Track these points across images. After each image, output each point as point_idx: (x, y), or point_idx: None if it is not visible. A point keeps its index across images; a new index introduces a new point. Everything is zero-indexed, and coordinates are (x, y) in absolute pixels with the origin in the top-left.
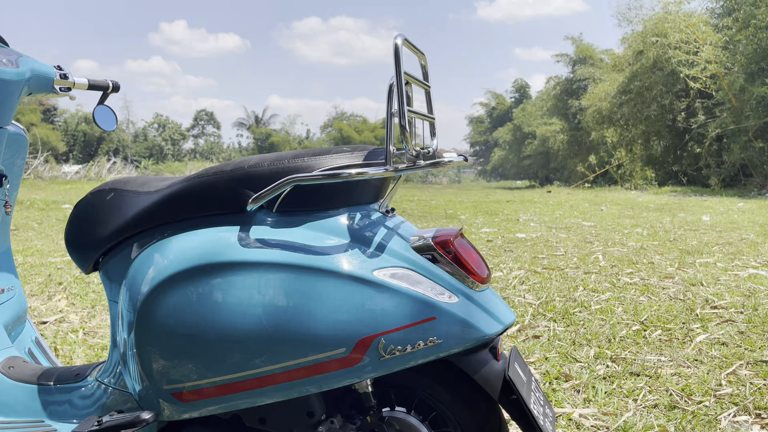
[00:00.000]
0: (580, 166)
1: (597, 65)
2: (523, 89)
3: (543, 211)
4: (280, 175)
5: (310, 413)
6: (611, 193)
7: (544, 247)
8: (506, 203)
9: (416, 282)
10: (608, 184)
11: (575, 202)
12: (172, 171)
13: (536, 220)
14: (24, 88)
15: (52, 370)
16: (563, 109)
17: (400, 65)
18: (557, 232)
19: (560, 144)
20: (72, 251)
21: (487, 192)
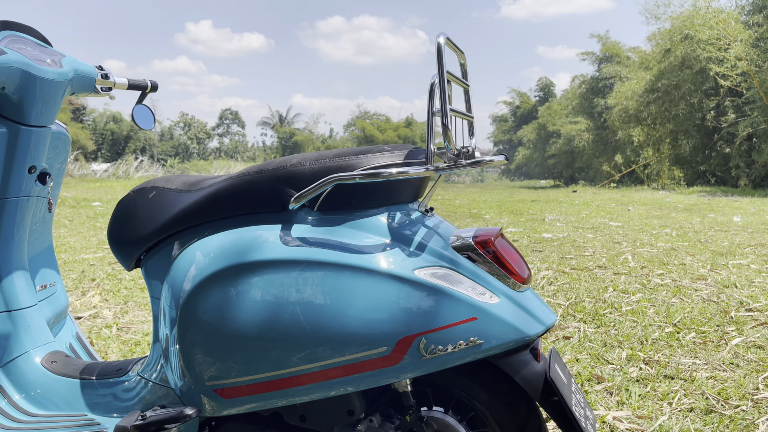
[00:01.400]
0: (605, 166)
1: (623, 63)
2: (547, 88)
3: (569, 210)
4: (322, 174)
5: (350, 411)
6: (638, 193)
7: (571, 247)
8: (531, 203)
9: (457, 282)
10: (634, 183)
11: (601, 202)
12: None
13: (562, 220)
14: (67, 88)
15: (93, 364)
16: (589, 108)
17: (443, 64)
18: (584, 232)
19: (585, 143)
20: (115, 248)
21: (511, 191)
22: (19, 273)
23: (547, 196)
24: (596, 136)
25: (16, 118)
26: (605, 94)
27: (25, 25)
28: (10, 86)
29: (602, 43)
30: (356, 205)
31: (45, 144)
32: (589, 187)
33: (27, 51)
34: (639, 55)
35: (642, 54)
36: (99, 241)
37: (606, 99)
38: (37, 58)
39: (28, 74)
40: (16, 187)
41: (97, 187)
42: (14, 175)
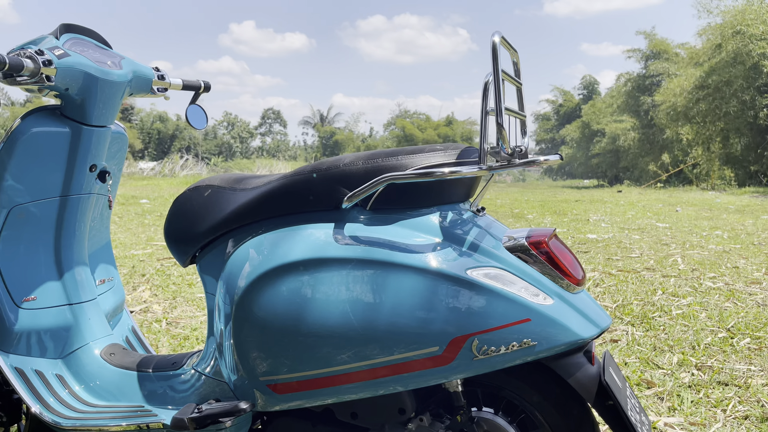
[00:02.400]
0: (652, 165)
1: (672, 60)
2: (591, 86)
3: (614, 211)
4: (375, 173)
5: (401, 410)
6: (686, 194)
7: (617, 248)
8: (575, 203)
9: (510, 282)
10: (682, 184)
11: (648, 203)
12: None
13: (607, 221)
14: (126, 89)
15: (149, 357)
16: (634, 106)
17: (498, 62)
18: (630, 233)
19: (631, 142)
20: (171, 245)
21: (554, 191)
22: (80, 268)
23: (591, 196)
24: (642, 134)
25: (78, 118)
26: (652, 92)
27: (86, 28)
28: (74, 88)
29: (649, 39)
30: (408, 204)
31: (105, 143)
32: (634, 187)
33: (89, 53)
34: (688, 51)
35: (691, 50)
36: (147, 238)
37: (653, 97)
38: (99, 60)
39: (90, 76)
40: (78, 185)
41: (144, 184)
42: (76, 173)
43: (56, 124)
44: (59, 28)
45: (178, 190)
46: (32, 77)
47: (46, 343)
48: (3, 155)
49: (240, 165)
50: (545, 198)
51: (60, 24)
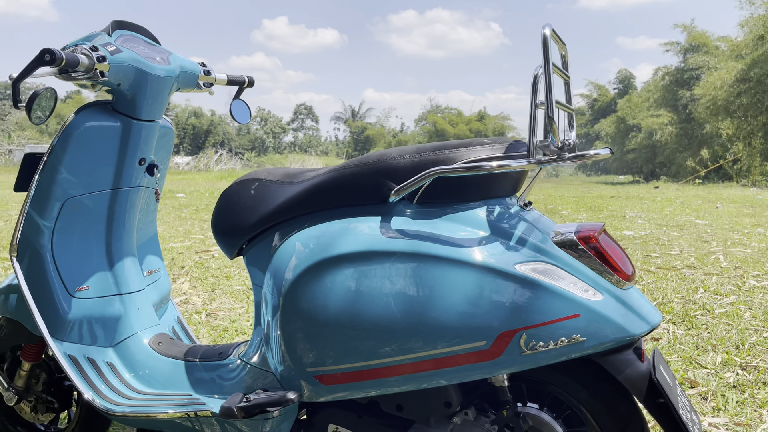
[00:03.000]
0: (690, 161)
1: (711, 53)
2: (627, 80)
3: (651, 207)
4: (422, 167)
5: (447, 403)
6: (726, 190)
7: (655, 245)
8: (610, 199)
9: (558, 277)
10: (722, 180)
11: (686, 199)
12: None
13: (644, 217)
14: (174, 84)
15: (196, 347)
16: (672, 101)
17: (549, 55)
18: (668, 230)
19: (668, 137)
20: (218, 237)
21: (588, 187)
22: (129, 259)
23: (627, 192)
24: (680, 129)
25: (129, 112)
26: (691, 86)
27: (137, 25)
28: (125, 83)
29: (688, 32)
30: (455, 198)
31: (154, 137)
32: (671, 183)
33: (139, 49)
34: (729, 44)
35: (732, 43)
36: (185, 231)
37: (692, 91)
38: (148, 56)
39: (141, 71)
40: (128, 178)
41: (180, 179)
42: (126, 166)
43: (108, 118)
44: (111, 24)
45: (213, 185)
46: (87, 73)
47: (98, 331)
48: (58, 149)
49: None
50: (579, 194)
51: (112, 21)
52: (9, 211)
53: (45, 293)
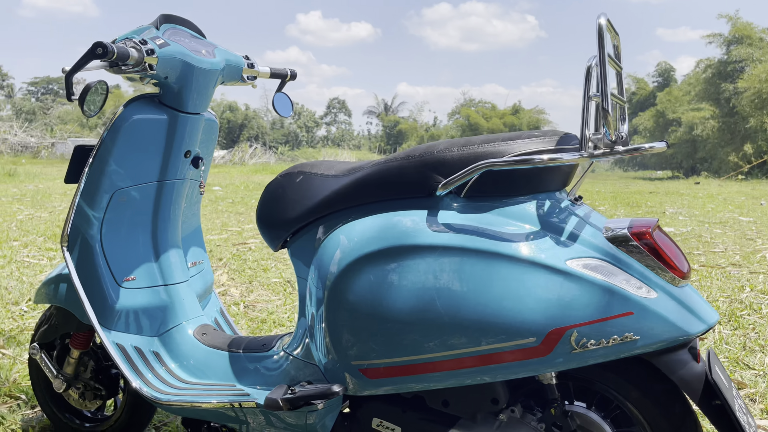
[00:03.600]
0: (732, 156)
1: (756, 45)
2: (667, 73)
3: (692, 204)
4: (470, 160)
5: (494, 400)
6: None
7: (697, 242)
8: (649, 194)
9: (611, 274)
10: (766, 176)
11: (728, 195)
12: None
13: (685, 214)
14: (219, 78)
15: (239, 338)
16: (714, 94)
17: (604, 46)
18: (711, 227)
19: (710, 131)
20: (262, 229)
21: (625, 182)
22: (174, 251)
23: (666, 188)
24: (722, 123)
25: (175, 105)
26: (734, 79)
27: (183, 18)
28: (173, 76)
29: (732, 23)
30: (504, 192)
31: (199, 130)
32: (713, 178)
33: (185, 42)
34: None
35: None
36: (222, 223)
37: (735, 84)
38: (194, 49)
39: (187, 65)
40: (174, 171)
41: (216, 172)
42: (172, 159)
43: (155, 111)
44: (159, 18)
45: (248, 178)
46: (136, 66)
47: (144, 321)
48: (107, 141)
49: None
50: (617, 189)
51: (160, 14)
52: (52, 202)
53: (94, 283)
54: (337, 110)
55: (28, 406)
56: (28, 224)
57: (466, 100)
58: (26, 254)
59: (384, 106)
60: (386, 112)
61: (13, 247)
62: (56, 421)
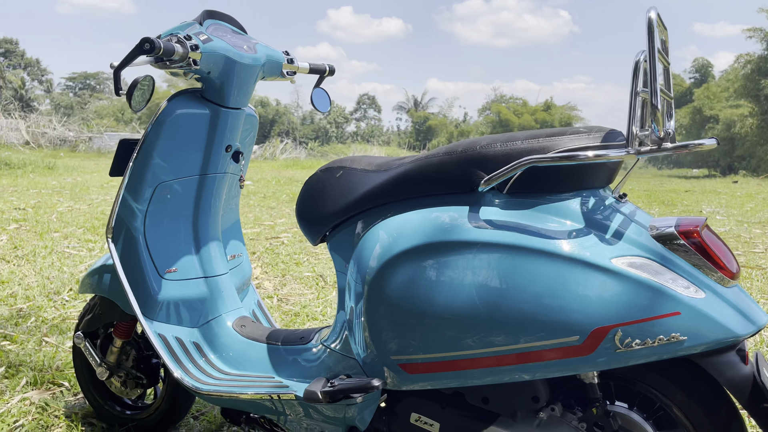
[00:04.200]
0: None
1: None
2: (704, 69)
3: (730, 203)
4: (514, 156)
5: (535, 398)
6: None
7: (736, 242)
8: (684, 193)
9: (657, 273)
10: None
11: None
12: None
13: (722, 213)
14: (259, 73)
15: (277, 331)
16: (754, 91)
17: (654, 41)
18: (750, 226)
19: (749, 129)
20: (302, 224)
21: (660, 180)
22: (214, 243)
23: (703, 187)
24: (762, 121)
25: (217, 100)
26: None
27: (225, 14)
28: (215, 71)
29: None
30: (547, 189)
31: (239, 125)
32: (751, 177)
33: (228, 38)
34: None
35: None
36: (255, 218)
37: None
38: (236, 44)
39: (229, 60)
40: (215, 165)
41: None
42: (214, 153)
43: (198, 106)
44: (202, 14)
45: (279, 173)
46: (180, 61)
47: (184, 312)
48: (151, 135)
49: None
50: (651, 187)
51: (203, 10)
52: (90, 195)
53: (137, 274)
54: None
55: (71, 393)
56: (68, 216)
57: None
58: (66, 245)
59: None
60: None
61: (54, 238)
62: (98, 408)
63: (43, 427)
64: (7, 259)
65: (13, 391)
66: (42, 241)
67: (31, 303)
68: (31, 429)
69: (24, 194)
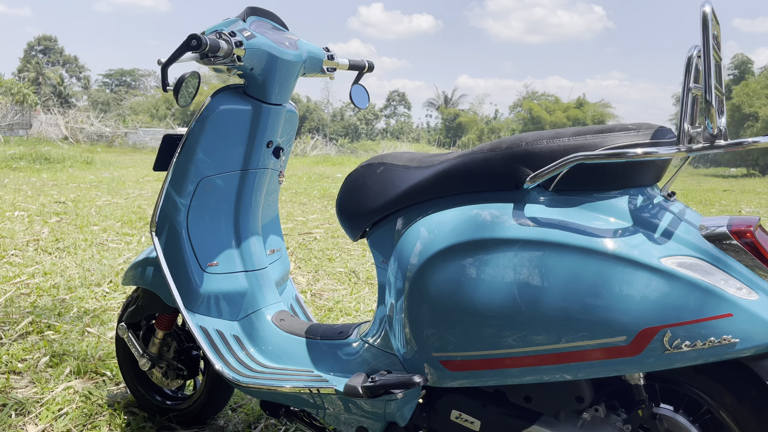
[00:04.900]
0: None
1: None
2: (744, 65)
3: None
4: (561, 153)
5: (579, 398)
6: None
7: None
8: (722, 192)
9: (708, 273)
10: None
11: None
12: (365, 149)
13: (764, 213)
14: (300, 69)
15: (316, 326)
16: None
17: (709, 35)
18: None
19: None
20: (342, 219)
21: (696, 179)
22: (254, 238)
23: (742, 186)
24: None
25: (259, 96)
26: None
27: (268, 11)
28: (258, 67)
29: None
30: (594, 186)
31: (281, 121)
32: None
33: (270, 35)
34: None
35: None
36: (287, 213)
37: None
38: (279, 41)
39: (272, 56)
40: (256, 160)
41: None
42: (255, 149)
43: (240, 102)
44: (245, 10)
45: (310, 169)
46: (225, 57)
47: (225, 305)
48: (195, 131)
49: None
50: (687, 186)
51: (246, 7)
52: (126, 189)
53: (180, 267)
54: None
55: (113, 383)
56: (106, 210)
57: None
58: (105, 238)
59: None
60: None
61: (93, 231)
62: (140, 398)
63: (87, 415)
64: (49, 251)
65: (58, 380)
66: (82, 234)
67: (73, 294)
68: (75, 417)
69: (64, 188)
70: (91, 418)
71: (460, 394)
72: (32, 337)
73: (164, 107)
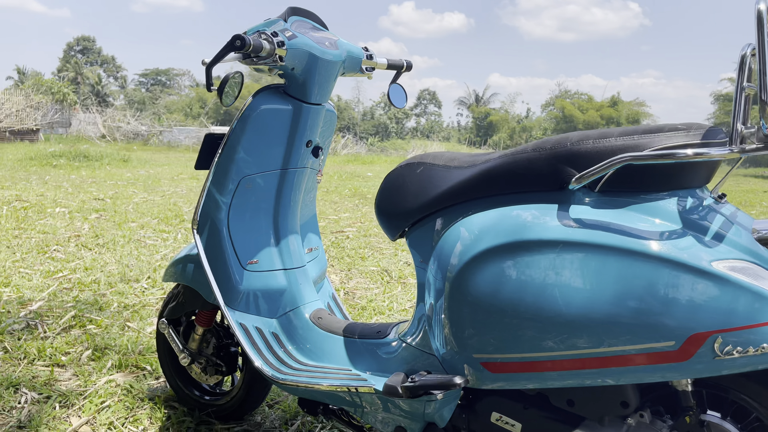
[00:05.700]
0: None
1: None
2: None
3: None
4: (607, 153)
5: (624, 403)
6: None
7: None
8: (763, 193)
9: (761, 278)
10: None
11: None
12: (395, 148)
13: None
14: (340, 69)
15: (353, 324)
16: None
17: (764, 33)
18: None
19: None
20: (381, 219)
21: (735, 180)
22: (293, 236)
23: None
24: None
25: (299, 96)
26: None
27: (308, 11)
28: (299, 67)
29: None
30: (641, 188)
31: (320, 121)
32: None
33: (311, 35)
34: None
35: None
36: (319, 211)
37: None
38: (319, 41)
39: (313, 56)
40: (296, 159)
41: None
42: (295, 148)
43: (281, 101)
44: (287, 11)
45: (340, 168)
46: (267, 57)
47: (264, 303)
48: (237, 130)
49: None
50: (726, 187)
51: (288, 7)
52: (162, 187)
53: (220, 264)
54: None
55: (153, 377)
56: (143, 207)
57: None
58: (143, 234)
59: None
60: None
61: (131, 228)
62: (179, 392)
63: (129, 408)
64: (89, 246)
65: (100, 373)
66: (120, 230)
67: (113, 289)
68: (117, 410)
69: (102, 185)
70: (132, 411)
71: (501, 396)
72: (75, 331)
73: (198, 106)
